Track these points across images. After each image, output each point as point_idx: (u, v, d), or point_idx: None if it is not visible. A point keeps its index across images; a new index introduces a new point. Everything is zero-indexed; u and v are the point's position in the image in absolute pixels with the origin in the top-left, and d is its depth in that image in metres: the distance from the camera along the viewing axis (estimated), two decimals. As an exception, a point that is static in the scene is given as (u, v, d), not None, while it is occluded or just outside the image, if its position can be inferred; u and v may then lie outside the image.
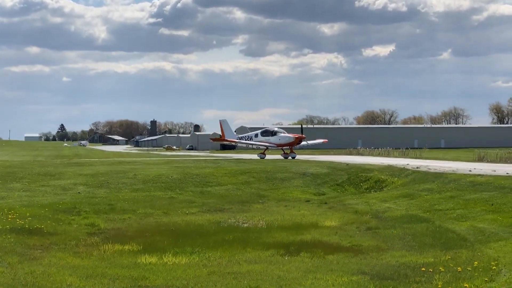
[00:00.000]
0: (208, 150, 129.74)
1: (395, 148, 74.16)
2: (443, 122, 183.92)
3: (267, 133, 56.58)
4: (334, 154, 72.59)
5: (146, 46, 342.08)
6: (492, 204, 21.57)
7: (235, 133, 62.42)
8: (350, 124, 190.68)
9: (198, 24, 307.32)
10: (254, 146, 59.26)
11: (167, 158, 57.74)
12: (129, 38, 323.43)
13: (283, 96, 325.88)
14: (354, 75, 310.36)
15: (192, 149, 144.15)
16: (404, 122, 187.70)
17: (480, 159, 51.07)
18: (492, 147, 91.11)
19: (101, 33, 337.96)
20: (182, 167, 38.24)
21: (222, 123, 60.16)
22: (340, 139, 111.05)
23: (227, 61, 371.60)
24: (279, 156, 55.22)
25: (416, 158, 57.40)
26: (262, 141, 55.92)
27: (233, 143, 62.23)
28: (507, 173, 29.25)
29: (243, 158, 55.81)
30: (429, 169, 34.51)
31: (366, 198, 28.33)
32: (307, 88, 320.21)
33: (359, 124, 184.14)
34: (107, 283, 12.20)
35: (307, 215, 23.40)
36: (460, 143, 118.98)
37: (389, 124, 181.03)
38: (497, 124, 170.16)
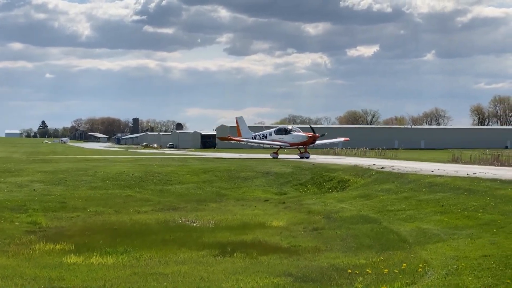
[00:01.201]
0: (188, 148, 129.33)
1: (372, 149, 73.80)
2: (425, 123, 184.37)
3: (281, 131, 53.55)
4: (311, 154, 72.32)
5: (130, 44, 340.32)
6: (443, 205, 21.37)
7: (250, 131, 59.03)
8: (332, 124, 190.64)
9: (182, 22, 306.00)
10: (266, 146, 55.47)
11: (136, 156, 57.26)
12: (113, 35, 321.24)
13: (267, 95, 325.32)
14: (338, 75, 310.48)
15: (172, 147, 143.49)
16: (386, 122, 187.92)
17: (455, 160, 51.02)
18: (471, 148, 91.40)
19: (85, 30, 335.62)
20: (146, 165, 37.85)
21: (238, 120, 57.91)
22: (320, 138, 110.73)
23: (211, 59, 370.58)
24: (296, 156, 52.54)
25: (391, 158, 57.19)
26: (275, 140, 52.76)
27: (242, 142, 58.21)
28: (467, 174, 29.10)
29: (215, 157, 55.47)
30: (393, 169, 34.32)
31: (324, 198, 28.07)
32: (291, 88, 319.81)
33: (341, 124, 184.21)
34: (21, 284, 11.81)
35: (259, 215, 23.10)
36: (440, 144, 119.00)
37: (371, 124, 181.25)
38: (478, 125, 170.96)
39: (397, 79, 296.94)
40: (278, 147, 52.86)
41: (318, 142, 59.99)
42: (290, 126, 56.64)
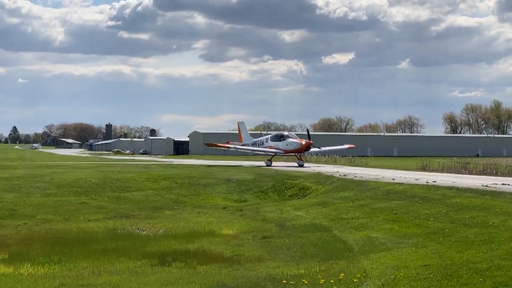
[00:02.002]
0: (161, 154, 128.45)
1: (343, 156, 73.45)
2: (398, 131, 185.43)
3: (276, 138, 51.39)
4: (282, 160, 72.42)
5: (105, 49, 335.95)
6: (396, 213, 21.16)
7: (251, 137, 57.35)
8: (306, 131, 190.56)
9: (158, 28, 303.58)
10: (261, 153, 53.47)
11: (102, 162, 56.47)
12: (88, 41, 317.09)
13: (243, 102, 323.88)
14: (313, 82, 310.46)
15: (145, 154, 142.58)
16: (360, 130, 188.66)
17: (423, 168, 51.11)
18: (443, 156, 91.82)
19: (59, 34, 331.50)
20: (106, 172, 37.24)
21: (240, 126, 56.60)
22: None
23: (187, 65, 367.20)
24: (292, 163, 50.44)
25: (361, 166, 57.13)
26: (271, 146, 50.67)
27: (229, 148, 55.19)
28: (426, 182, 28.99)
29: (183, 163, 54.90)
30: (355, 177, 34.13)
31: (283, 206, 27.73)
32: (267, 95, 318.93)
33: (315, 131, 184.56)
34: None
35: (212, 223, 22.67)
36: (412, 151, 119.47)
37: (345, 131, 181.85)
38: (450, 133, 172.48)
39: (372, 87, 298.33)
40: (273, 154, 50.85)
41: (324, 149, 57.85)
42: (286, 133, 54.19)
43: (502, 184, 27.71)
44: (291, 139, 50.08)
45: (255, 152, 55.15)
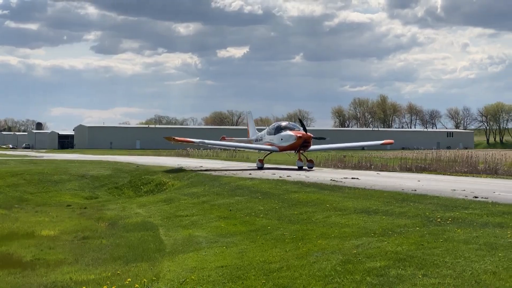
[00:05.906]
0: (45, 149, 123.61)
1: (224, 149, 72.80)
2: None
3: (272, 130, 39.77)
4: (166, 155, 71.67)
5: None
6: (231, 210, 20.59)
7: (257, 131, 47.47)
8: (198, 125, 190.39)
9: (47, 18, 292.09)
10: (253, 149, 42.98)
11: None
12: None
13: (136, 95, 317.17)
14: (208, 75, 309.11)
15: (28, 148, 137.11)
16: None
17: (301, 162, 51.41)
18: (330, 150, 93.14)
19: None
20: (-50, 168, 34.67)
21: (248, 117, 50.53)
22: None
23: (78, 57, 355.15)
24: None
25: (240, 161, 56.96)
26: (267, 142, 39.72)
27: (194, 143, 41.96)
28: (280, 177, 28.77)
29: (50, 158, 52.50)
30: (215, 172, 33.56)
31: (130, 203, 26.65)
32: (160, 88, 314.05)
33: (206, 125, 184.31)
34: None
35: (41, 223, 21.26)
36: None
37: (236, 125, 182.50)
38: (339, 127, 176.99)
39: (266, 81, 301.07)
40: (268, 151, 39.90)
41: (359, 144, 50.07)
42: (284, 123, 40.92)
43: (352, 178, 27.90)
44: (286, 132, 37.91)
45: (237, 148, 48.30)
